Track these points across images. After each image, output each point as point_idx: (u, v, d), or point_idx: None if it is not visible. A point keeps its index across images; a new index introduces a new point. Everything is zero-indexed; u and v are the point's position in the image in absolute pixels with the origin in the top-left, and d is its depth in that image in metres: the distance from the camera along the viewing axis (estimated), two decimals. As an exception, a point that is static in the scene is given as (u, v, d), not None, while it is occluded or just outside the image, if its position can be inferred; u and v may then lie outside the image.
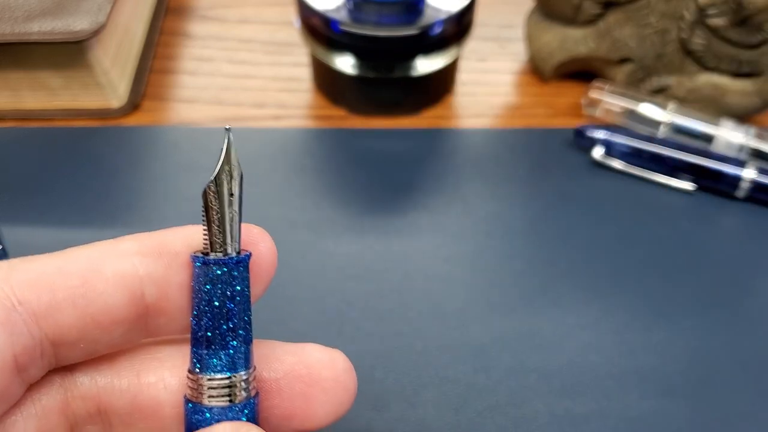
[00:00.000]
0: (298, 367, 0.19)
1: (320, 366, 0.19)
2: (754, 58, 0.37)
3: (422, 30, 0.36)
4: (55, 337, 0.17)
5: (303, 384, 0.19)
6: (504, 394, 0.29)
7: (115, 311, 0.17)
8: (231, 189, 0.17)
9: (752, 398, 0.29)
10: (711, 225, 0.35)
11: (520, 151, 0.38)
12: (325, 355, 0.19)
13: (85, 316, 0.17)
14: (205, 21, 0.45)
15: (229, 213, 0.17)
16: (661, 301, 0.32)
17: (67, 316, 0.16)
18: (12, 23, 0.34)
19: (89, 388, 0.18)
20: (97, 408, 0.18)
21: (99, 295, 0.17)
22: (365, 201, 0.35)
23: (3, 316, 0.16)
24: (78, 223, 0.34)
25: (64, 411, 0.18)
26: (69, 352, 0.17)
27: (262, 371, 0.19)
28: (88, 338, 0.17)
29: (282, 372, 0.19)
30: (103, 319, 0.17)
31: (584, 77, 0.41)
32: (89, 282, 0.17)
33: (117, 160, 0.37)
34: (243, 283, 0.17)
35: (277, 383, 0.19)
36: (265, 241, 0.18)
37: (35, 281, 0.16)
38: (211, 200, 0.17)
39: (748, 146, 0.36)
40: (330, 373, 0.19)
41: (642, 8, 0.37)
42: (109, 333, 0.17)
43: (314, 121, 0.40)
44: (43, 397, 0.18)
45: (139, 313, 0.18)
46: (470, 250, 0.34)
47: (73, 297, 0.16)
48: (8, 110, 0.38)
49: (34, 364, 0.17)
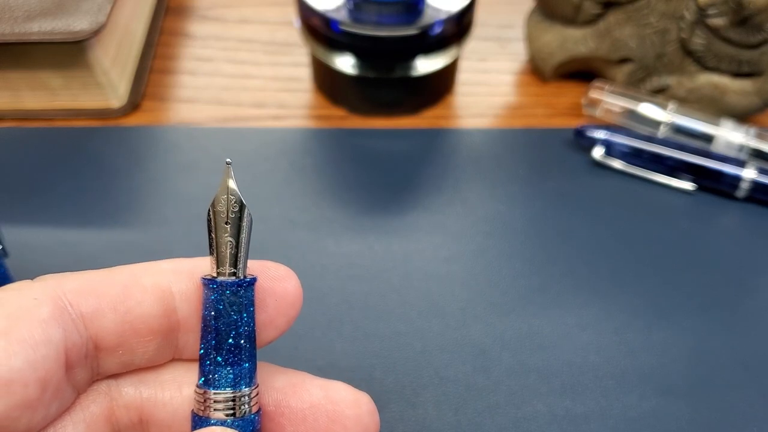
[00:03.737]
0: (324, 402, 0.20)
1: (345, 405, 0.20)
2: (754, 58, 0.37)
3: (422, 30, 0.36)
4: (97, 340, 0.18)
5: (327, 419, 0.20)
6: (504, 394, 0.29)
7: (151, 321, 0.18)
8: (227, 218, 0.19)
9: (752, 398, 0.29)
10: (711, 225, 0.35)
11: (520, 151, 0.38)
12: (351, 395, 0.20)
13: (124, 322, 0.18)
14: (205, 21, 0.45)
15: (226, 239, 0.18)
16: (661, 301, 0.32)
17: (108, 321, 0.18)
18: (12, 23, 0.34)
19: (133, 398, 0.19)
20: (140, 418, 0.19)
21: (138, 304, 0.18)
22: (365, 201, 0.35)
23: (57, 313, 0.17)
24: (78, 223, 0.34)
25: (109, 419, 0.19)
26: (109, 359, 0.19)
27: (290, 400, 0.20)
28: (126, 346, 0.18)
29: (309, 403, 0.20)
30: (140, 328, 0.18)
31: (584, 77, 0.41)
32: (129, 291, 0.18)
33: (117, 160, 0.37)
34: (244, 305, 0.18)
35: (303, 413, 0.20)
36: (291, 280, 0.20)
37: (83, 288, 0.18)
38: (210, 226, 0.19)
39: (748, 146, 0.36)
40: (353, 413, 0.20)
41: (642, 8, 0.37)
42: (144, 343, 0.19)
43: (314, 121, 0.40)
44: (91, 405, 0.19)
45: (172, 326, 0.19)
46: (470, 250, 0.34)
47: (114, 303, 0.18)
48: (8, 110, 0.38)
49: (80, 363, 0.18)
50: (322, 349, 0.30)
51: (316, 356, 0.29)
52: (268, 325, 0.19)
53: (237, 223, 0.19)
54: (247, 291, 0.19)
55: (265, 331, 0.20)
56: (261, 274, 0.19)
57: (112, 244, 0.33)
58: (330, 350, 0.30)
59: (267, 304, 0.19)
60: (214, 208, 0.19)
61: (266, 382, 0.20)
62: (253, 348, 0.19)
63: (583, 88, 0.41)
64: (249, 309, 0.19)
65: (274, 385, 0.20)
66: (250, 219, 0.19)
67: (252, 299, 0.19)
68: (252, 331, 0.19)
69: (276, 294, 0.19)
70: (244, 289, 0.18)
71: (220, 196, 0.19)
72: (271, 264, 0.20)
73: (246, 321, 0.19)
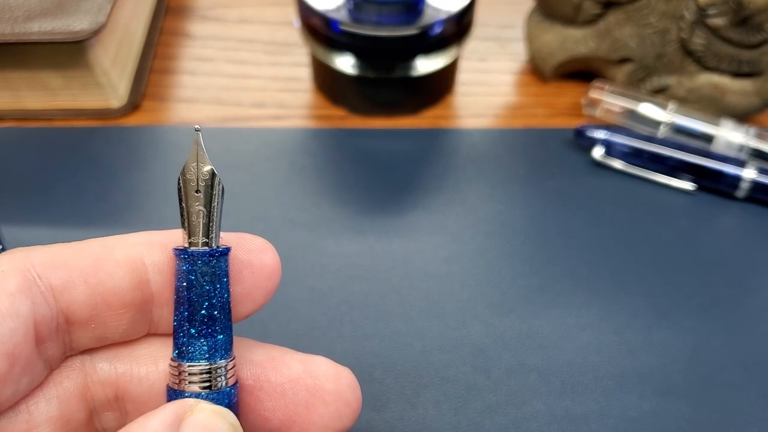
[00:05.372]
0: (304, 376, 0.19)
1: (325, 378, 0.19)
2: (754, 58, 0.37)
3: (422, 30, 0.36)
4: (69, 313, 0.18)
5: (306, 393, 0.19)
6: (504, 394, 0.29)
7: (123, 293, 0.18)
8: (197, 186, 0.18)
9: (752, 398, 0.29)
10: (711, 225, 0.35)
11: (520, 151, 0.38)
12: (331, 369, 0.20)
13: (95, 295, 0.18)
14: (205, 21, 0.45)
15: (196, 208, 0.18)
16: (661, 301, 0.32)
17: (79, 293, 0.18)
18: (12, 23, 0.34)
19: (108, 373, 0.19)
20: (115, 394, 0.19)
21: (109, 276, 0.18)
22: (365, 201, 0.35)
23: (25, 286, 0.17)
24: (78, 223, 0.34)
25: (84, 395, 0.19)
26: (82, 333, 0.18)
27: (270, 374, 0.19)
28: (99, 319, 0.18)
29: (288, 377, 0.19)
30: (112, 300, 0.18)
31: (584, 77, 0.41)
32: (100, 263, 0.18)
33: (117, 160, 0.37)
34: (216, 275, 0.18)
35: (282, 387, 0.19)
36: (268, 252, 0.19)
37: (53, 260, 0.17)
38: (180, 195, 0.18)
39: (748, 146, 0.36)
40: (333, 387, 0.19)
41: (642, 8, 0.37)
42: (117, 316, 0.18)
43: (314, 121, 0.40)
44: (64, 381, 0.18)
45: (145, 299, 0.18)
46: (470, 250, 0.34)
47: (85, 276, 0.18)
48: (8, 110, 0.38)
49: (51, 337, 0.17)
50: (322, 349, 0.30)
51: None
52: (245, 297, 0.19)
53: (208, 191, 0.18)
54: (220, 261, 0.18)
55: (242, 304, 0.19)
56: (237, 246, 0.19)
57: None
58: (330, 350, 0.30)
59: (243, 277, 0.19)
60: (184, 176, 0.18)
61: (245, 355, 0.19)
62: (228, 320, 0.18)
63: (583, 88, 0.41)
64: (222, 279, 0.18)
65: (252, 359, 0.19)
66: (221, 187, 0.18)
67: (226, 270, 0.18)
68: (226, 302, 0.18)
69: (253, 266, 0.19)
70: (217, 258, 0.18)
71: (190, 163, 0.18)
72: (248, 236, 0.19)
73: (219, 292, 0.18)
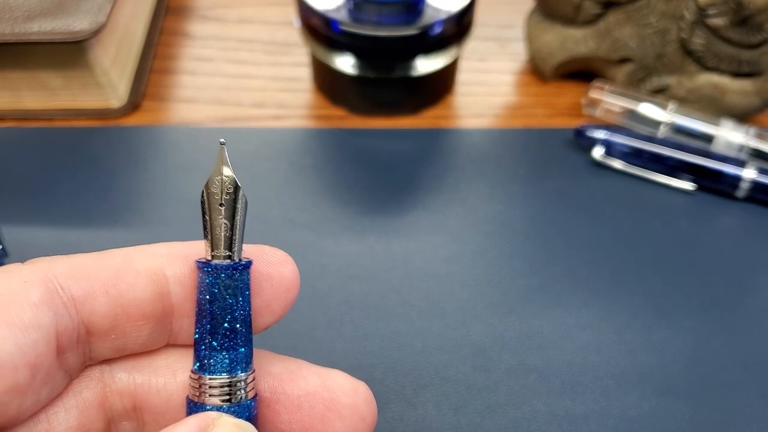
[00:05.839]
0: (320, 390, 0.19)
1: (342, 392, 0.19)
2: (754, 58, 0.37)
3: (422, 30, 0.36)
4: (89, 324, 0.18)
5: (322, 406, 0.19)
6: (504, 394, 0.29)
7: (144, 305, 0.18)
8: (221, 199, 0.18)
9: (752, 398, 0.29)
10: (711, 225, 0.35)
11: (520, 151, 0.38)
12: (348, 383, 0.20)
13: (116, 306, 0.18)
14: (205, 21, 0.45)
15: (220, 221, 0.18)
16: (661, 301, 0.32)
17: (100, 304, 0.18)
18: (12, 23, 0.34)
19: (127, 384, 0.19)
20: (133, 404, 0.19)
21: (130, 287, 0.18)
22: (365, 201, 0.35)
23: (48, 297, 0.17)
24: (78, 223, 0.34)
25: (102, 405, 0.19)
26: (101, 343, 0.18)
27: (286, 387, 0.19)
28: (119, 330, 0.18)
29: (305, 390, 0.19)
30: (132, 311, 0.18)
31: (584, 77, 0.41)
32: (122, 274, 0.18)
33: (117, 160, 0.37)
34: (239, 288, 0.18)
35: (299, 400, 0.19)
36: (288, 265, 0.19)
37: (74, 271, 0.18)
38: (204, 208, 0.18)
39: (748, 146, 0.36)
40: (349, 401, 0.19)
41: (642, 8, 0.37)
42: (137, 327, 0.18)
43: (314, 121, 0.40)
44: (83, 391, 0.18)
45: (165, 311, 0.19)
46: (470, 250, 0.34)
47: (106, 286, 0.18)
48: (8, 110, 0.38)
49: (72, 348, 0.17)
50: (322, 349, 0.30)
51: (316, 356, 0.29)
52: (264, 310, 0.19)
53: (232, 204, 0.18)
54: (243, 274, 0.18)
55: (261, 316, 0.19)
56: (258, 259, 0.19)
57: (112, 244, 0.33)
58: (330, 350, 0.30)
59: (263, 289, 0.19)
60: (208, 189, 0.18)
61: (262, 368, 0.20)
62: (249, 333, 0.18)
63: (583, 88, 0.41)
64: (245, 293, 0.18)
65: (270, 372, 0.20)
66: (245, 201, 0.18)
67: (248, 283, 0.18)
68: (248, 315, 0.18)
69: (272, 279, 0.19)
70: (240, 272, 0.18)
71: (214, 177, 0.18)
72: (268, 248, 0.19)
73: (241, 305, 0.18)
